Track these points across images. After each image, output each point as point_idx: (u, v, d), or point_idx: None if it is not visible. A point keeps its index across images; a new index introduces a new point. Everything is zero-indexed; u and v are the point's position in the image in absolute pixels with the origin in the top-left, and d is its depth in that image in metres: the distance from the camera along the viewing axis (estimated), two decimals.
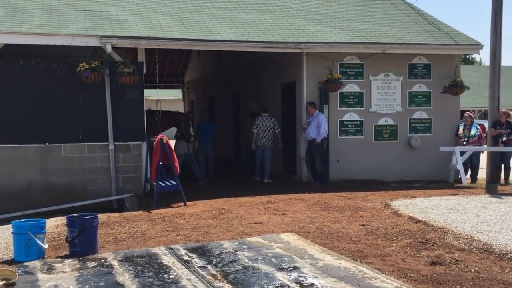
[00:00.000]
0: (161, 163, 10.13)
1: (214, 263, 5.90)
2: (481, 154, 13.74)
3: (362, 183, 12.16)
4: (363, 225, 7.78)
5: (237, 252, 6.30)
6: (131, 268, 5.81)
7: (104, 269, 5.84)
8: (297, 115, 13.04)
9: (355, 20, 13.79)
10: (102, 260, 6.17)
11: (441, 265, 5.73)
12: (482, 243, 6.63)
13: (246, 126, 16.14)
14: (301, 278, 5.31)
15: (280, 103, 14.23)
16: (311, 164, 12.34)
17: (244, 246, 6.58)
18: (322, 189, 11.10)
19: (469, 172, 13.10)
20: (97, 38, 10.62)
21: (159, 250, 6.51)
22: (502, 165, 12.98)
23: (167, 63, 23.65)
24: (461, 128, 13.17)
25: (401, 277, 5.36)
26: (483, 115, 30.20)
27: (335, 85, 12.04)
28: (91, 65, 10.37)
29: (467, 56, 54.15)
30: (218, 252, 6.36)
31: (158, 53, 13.48)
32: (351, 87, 12.75)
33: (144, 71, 11.34)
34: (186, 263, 5.90)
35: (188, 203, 9.95)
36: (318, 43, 12.15)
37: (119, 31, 11.02)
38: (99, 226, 6.90)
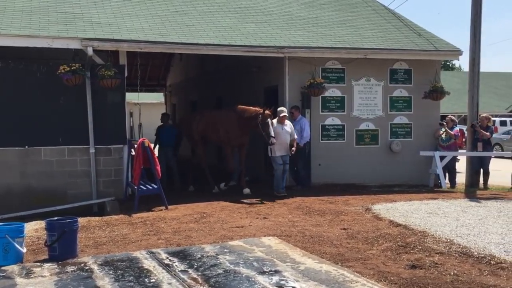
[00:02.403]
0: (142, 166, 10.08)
1: (195, 267, 5.88)
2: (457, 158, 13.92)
3: (344, 187, 12.21)
4: (344, 228, 7.82)
5: (218, 256, 6.29)
6: (111, 272, 5.76)
7: (83, 273, 5.78)
8: None
9: (337, 25, 13.88)
10: (82, 264, 6.10)
11: (421, 269, 5.78)
12: (461, 246, 6.71)
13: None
14: (282, 282, 5.32)
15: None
16: (293, 168, 12.37)
17: (225, 250, 6.56)
18: (304, 193, 11.13)
19: (447, 176, 13.24)
20: (78, 41, 10.54)
21: (140, 254, 6.46)
22: (481, 170, 13.17)
23: (149, 66, 23.56)
24: (441, 131, 13.31)
25: (381, 281, 5.40)
26: (463, 121, 30.56)
27: (317, 90, 12.09)
28: (72, 68, 10.27)
29: (447, 62, 54.90)
30: (199, 256, 6.33)
31: (140, 56, 13.38)
32: (333, 91, 12.82)
33: (126, 74, 11.27)
34: (167, 267, 5.87)
35: (169, 206, 9.90)
36: (300, 47, 12.21)
37: (100, 34, 10.94)
38: (79, 230, 6.83)
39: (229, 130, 11.65)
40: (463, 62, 78.80)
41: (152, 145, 11.10)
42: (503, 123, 30.35)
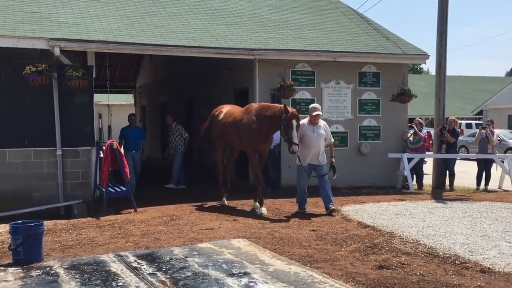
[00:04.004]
0: (111, 169, 9.97)
1: (163, 269, 5.83)
2: (424, 160, 14.18)
3: (313, 189, 12.22)
4: (313, 230, 7.87)
5: (187, 259, 6.25)
6: (77, 276, 5.66)
7: (49, 277, 5.67)
8: None
9: (307, 28, 13.98)
10: (47, 268, 5.99)
11: (388, 269, 5.85)
12: (427, 247, 6.82)
13: (200, 132, 16.06)
14: (251, 284, 5.31)
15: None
16: (263, 170, 12.36)
17: (194, 252, 6.53)
18: (274, 195, 11.14)
19: (415, 178, 13.46)
20: (45, 41, 10.35)
21: (108, 258, 6.37)
22: (447, 172, 13.43)
23: (118, 68, 23.29)
24: (409, 134, 13.52)
25: (349, 281, 5.44)
26: (430, 123, 31.13)
27: (287, 92, 12.16)
28: (38, 68, 10.10)
29: (415, 66, 55.85)
30: (168, 258, 6.28)
31: (108, 57, 13.20)
32: (302, 94, 12.90)
33: (94, 75, 11.13)
34: (135, 270, 5.80)
35: (139, 209, 9.80)
36: (270, 50, 12.26)
37: (68, 34, 10.78)
38: (44, 234, 6.71)
39: (247, 132, 9.52)
40: (431, 66, 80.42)
41: (122, 149, 10.95)
42: (468, 126, 31.03)
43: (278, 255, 6.45)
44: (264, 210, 9.24)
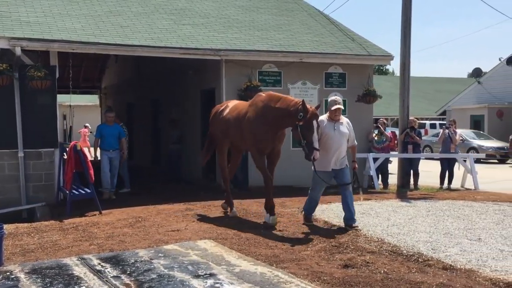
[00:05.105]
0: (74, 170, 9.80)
1: (128, 272, 5.75)
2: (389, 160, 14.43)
3: (281, 189, 12.25)
4: (280, 230, 7.88)
5: (152, 261, 6.18)
6: (39, 280, 5.54)
7: (9, 282, 5.53)
8: None
9: (273, 29, 14.02)
10: (8, 273, 5.83)
11: (353, 268, 5.91)
12: (392, 245, 6.91)
13: (166, 132, 15.97)
14: (217, 285, 5.29)
15: (200, 110, 14.16)
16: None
17: (160, 254, 6.46)
18: (241, 196, 11.10)
19: (380, 178, 13.64)
20: (6, 40, 10.12)
21: (70, 261, 6.25)
22: (412, 171, 13.65)
23: (83, 68, 22.91)
24: (374, 133, 13.70)
25: (314, 281, 5.47)
26: (395, 124, 31.61)
27: (254, 93, 12.09)
28: None
29: (381, 67, 56.72)
30: (133, 261, 6.20)
31: (72, 57, 12.99)
32: None
33: (57, 76, 10.92)
34: (99, 274, 5.71)
35: (104, 211, 9.65)
36: (237, 50, 12.25)
37: (29, 33, 10.56)
38: (5, 237, 6.55)
39: (251, 129, 8.22)
40: (396, 67, 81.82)
41: (92, 149, 10.67)
42: (432, 126, 31.59)
43: (245, 255, 6.44)
44: (273, 218, 8.18)
